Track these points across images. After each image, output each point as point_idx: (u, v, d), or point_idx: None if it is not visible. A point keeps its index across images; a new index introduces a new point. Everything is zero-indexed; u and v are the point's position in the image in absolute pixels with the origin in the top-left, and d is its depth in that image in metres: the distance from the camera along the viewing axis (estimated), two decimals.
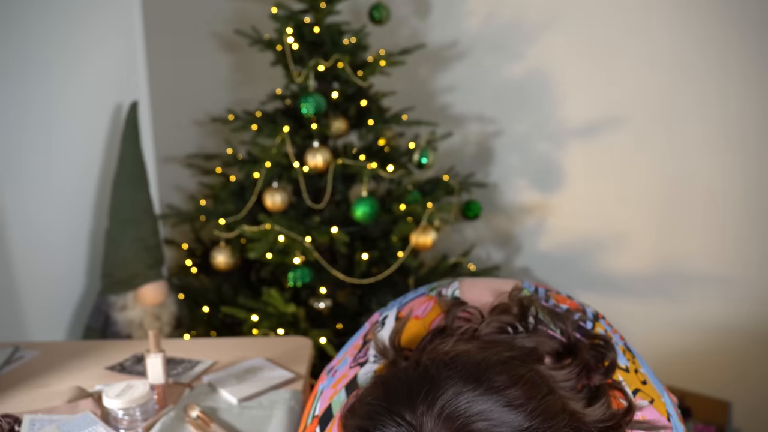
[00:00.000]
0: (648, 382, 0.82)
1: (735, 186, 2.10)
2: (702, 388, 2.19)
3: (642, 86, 2.17)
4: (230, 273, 2.22)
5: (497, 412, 0.62)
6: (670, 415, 0.79)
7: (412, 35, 2.43)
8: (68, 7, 1.89)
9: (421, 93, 2.45)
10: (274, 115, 2.17)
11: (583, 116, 2.26)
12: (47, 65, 1.83)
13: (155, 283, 1.99)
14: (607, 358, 0.75)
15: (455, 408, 0.63)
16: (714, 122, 2.09)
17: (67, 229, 1.96)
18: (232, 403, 1.13)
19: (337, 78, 2.13)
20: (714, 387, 2.17)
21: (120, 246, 1.95)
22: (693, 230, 2.17)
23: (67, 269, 1.98)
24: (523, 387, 0.64)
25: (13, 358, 1.33)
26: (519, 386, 0.64)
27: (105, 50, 2.03)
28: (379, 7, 2.16)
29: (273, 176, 2.04)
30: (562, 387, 0.69)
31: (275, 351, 1.32)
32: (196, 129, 2.56)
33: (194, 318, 2.20)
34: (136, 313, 1.95)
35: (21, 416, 1.08)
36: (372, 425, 0.66)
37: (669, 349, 2.24)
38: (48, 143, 1.85)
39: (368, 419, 0.67)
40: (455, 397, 0.63)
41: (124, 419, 1.04)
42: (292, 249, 1.95)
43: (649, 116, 2.18)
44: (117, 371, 1.28)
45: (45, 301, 1.87)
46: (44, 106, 1.84)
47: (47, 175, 1.86)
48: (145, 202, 2.00)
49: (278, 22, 2.09)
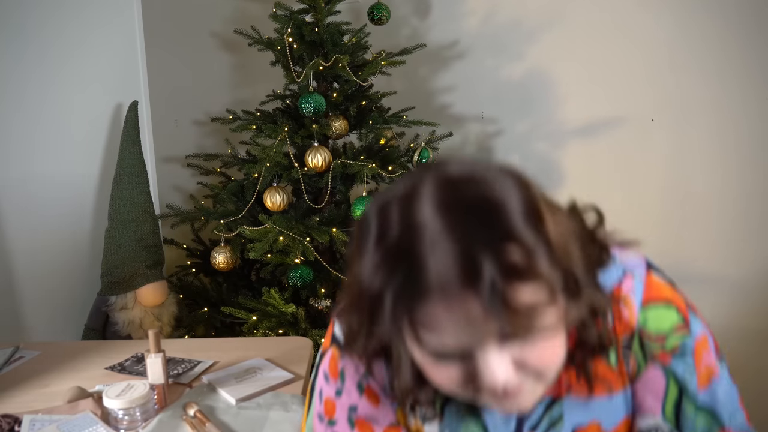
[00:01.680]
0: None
1: (735, 186, 2.10)
2: None
3: (642, 87, 2.17)
4: (230, 273, 2.22)
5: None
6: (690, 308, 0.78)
7: (412, 35, 2.43)
8: (68, 8, 1.89)
9: (421, 93, 2.45)
10: (274, 115, 2.17)
11: (583, 116, 2.26)
12: (47, 65, 1.83)
13: (155, 283, 1.99)
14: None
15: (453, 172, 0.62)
16: (714, 122, 2.09)
17: (67, 229, 1.96)
18: (231, 403, 1.13)
19: (337, 78, 2.13)
20: None
21: (120, 246, 1.95)
22: (693, 230, 2.17)
23: (67, 269, 1.98)
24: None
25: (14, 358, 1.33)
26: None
27: (105, 50, 2.03)
28: (379, 7, 2.16)
29: (273, 176, 2.04)
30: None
31: (275, 351, 1.32)
32: (196, 129, 2.57)
33: (194, 318, 2.19)
34: (136, 313, 1.95)
35: (21, 416, 1.08)
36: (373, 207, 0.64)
37: None
38: (48, 143, 1.86)
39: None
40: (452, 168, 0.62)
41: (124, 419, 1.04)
42: (292, 249, 1.95)
43: (649, 116, 2.18)
44: (117, 371, 1.28)
45: (45, 301, 1.87)
46: (44, 106, 1.84)
47: (47, 175, 1.86)
48: (145, 202, 2.00)
49: (278, 22, 2.09)
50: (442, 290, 0.57)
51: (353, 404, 0.81)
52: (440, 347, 0.62)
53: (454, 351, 0.62)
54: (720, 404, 0.80)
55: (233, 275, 2.25)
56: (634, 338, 0.76)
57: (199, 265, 2.32)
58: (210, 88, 2.56)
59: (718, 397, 0.79)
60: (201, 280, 2.34)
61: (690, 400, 0.78)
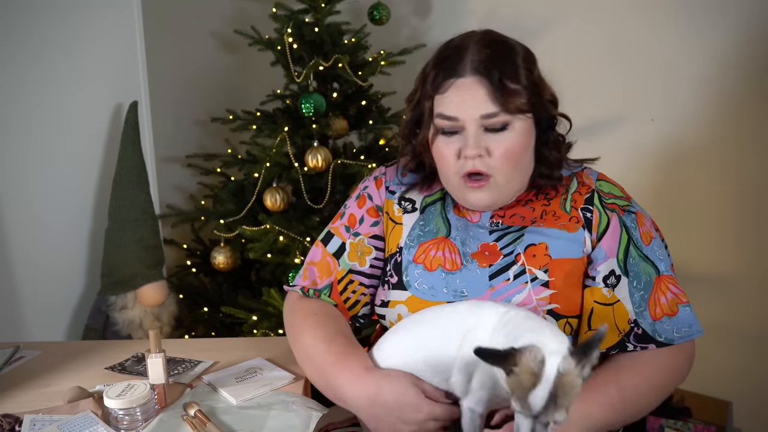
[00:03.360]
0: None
1: (734, 186, 2.10)
2: (702, 388, 2.19)
3: (642, 87, 2.17)
4: (230, 273, 2.22)
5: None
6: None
7: (412, 35, 2.44)
8: (68, 8, 1.89)
9: None
10: (274, 115, 2.17)
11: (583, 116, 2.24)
12: (47, 65, 1.83)
13: (155, 283, 1.98)
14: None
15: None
16: (714, 122, 2.09)
17: (67, 229, 1.96)
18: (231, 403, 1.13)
19: (337, 78, 2.14)
20: (714, 387, 2.17)
21: (120, 246, 1.95)
22: (693, 230, 2.17)
23: (67, 269, 1.98)
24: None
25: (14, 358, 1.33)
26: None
27: (105, 50, 2.03)
28: (379, 7, 2.16)
29: (273, 176, 2.04)
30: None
31: (275, 351, 1.32)
32: (196, 129, 2.56)
33: (194, 318, 2.20)
34: (136, 313, 1.95)
35: (21, 416, 1.08)
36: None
37: None
38: (48, 143, 1.86)
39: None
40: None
41: (124, 419, 1.04)
42: (292, 249, 1.95)
43: (649, 116, 2.18)
44: (117, 371, 1.28)
45: (45, 301, 1.87)
46: (44, 106, 1.84)
47: (47, 175, 1.86)
48: (145, 202, 2.00)
49: (278, 22, 2.09)
50: (468, 73, 1.04)
51: (366, 185, 1.26)
52: (448, 115, 1.05)
53: (456, 124, 1.05)
54: (658, 259, 1.09)
55: (233, 275, 2.25)
56: (594, 195, 1.12)
57: (199, 265, 2.32)
58: (210, 88, 2.56)
59: (656, 253, 1.09)
60: (201, 280, 2.34)
61: (635, 247, 1.08)
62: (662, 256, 1.10)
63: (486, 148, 1.05)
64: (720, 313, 2.14)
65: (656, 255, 1.09)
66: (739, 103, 2.05)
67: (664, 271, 1.08)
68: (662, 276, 1.08)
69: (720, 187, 2.12)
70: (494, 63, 1.04)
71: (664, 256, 1.10)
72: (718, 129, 2.09)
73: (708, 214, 2.15)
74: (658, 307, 1.07)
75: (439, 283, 1.10)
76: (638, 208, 1.13)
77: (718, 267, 2.15)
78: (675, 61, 2.11)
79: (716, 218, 2.14)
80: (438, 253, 1.11)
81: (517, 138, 1.06)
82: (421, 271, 1.12)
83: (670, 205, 2.18)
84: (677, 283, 1.10)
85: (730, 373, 2.15)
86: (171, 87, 2.39)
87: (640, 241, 1.09)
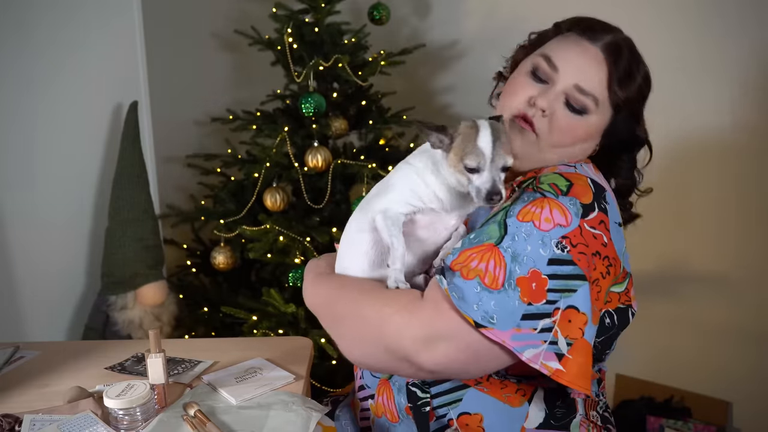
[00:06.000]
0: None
1: (735, 186, 2.10)
2: (702, 388, 2.19)
3: None
4: (230, 273, 2.22)
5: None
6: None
7: (412, 35, 2.44)
8: (69, 8, 1.89)
9: (421, 93, 2.45)
10: (274, 115, 2.17)
11: None
12: (47, 65, 1.83)
13: (155, 283, 1.98)
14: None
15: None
16: (714, 122, 2.09)
17: (67, 229, 1.96)
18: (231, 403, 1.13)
19: (337, 78, 2.13)
20: (714, 387, 2.17)
21: (120, 246, 1.95)
22: (693, 230, 2.17)
23: (67, 269, 1.98)
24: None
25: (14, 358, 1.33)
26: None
27: (105, 50, 2.03)
28: (379, 7, 2.16)
29: (273, 176, 2.04)
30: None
31: (275, 351, 1.32)
32: (196, 129, 2.56)
33: (194, 318, 2.19)
34: (136, 313, 1.95)
35: (21, 416, 1.08)
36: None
37: (669, 349, 2.24)
38: (48, 143, 1.86)
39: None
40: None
41: (124, 419, 1.03)
42: (292, 249, 1.95)
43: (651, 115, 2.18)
44: (117, 371, 1.28)
45: (45, 301, 1.87)
46: (44, 106, 1.84)
47: (47, 175, 1.86)
48: (145, 202, 2.00)
49: (278, 22, 2.09)
50: (600, 46, 1.09)
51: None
52: (553, 62, 1.09)
53: (550, 73, 1.08)
54: (514, 239, 0.93)
55: (233, 275, 2.25)
56: (530, 180, 1.03)
57: (199, 265, 2.32)
58: (210, 88, 2.55)
59: (519, 236, 0.93)
60: (201, 280, 2.34)
61: (503, 210, 0.97)
62: (524, 248, 0.91)
63: (554, 114, 1.05)
64: (720, 314, 2.14)
65: (517, 234, 0.92)
66: (739, 102, 2.05)
67: (501, 247, 0.92)
68: (498, 248, 0.92)
69: (721, 186, 2.12)
70: (625, 57, 1.07)
71: (526, 251, 0.91)
72: (718, 129, 2.09)
73: (709, 212, 2.15)
74: (465, 266, 0.92)
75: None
76: (560, 200, 0.95)
77: (719, 266, 2.15)
78: (675, 60, 2.11)
79: (717, 217, 2.14)
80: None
81: (580, 127, 1.06)
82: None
83: (670, 203, 2.18)
84: (505, 274, 0.90)
85: (730, 373, 2.15)
86: (171, 87, 2.38)
87: (514, 211, 0.95)
